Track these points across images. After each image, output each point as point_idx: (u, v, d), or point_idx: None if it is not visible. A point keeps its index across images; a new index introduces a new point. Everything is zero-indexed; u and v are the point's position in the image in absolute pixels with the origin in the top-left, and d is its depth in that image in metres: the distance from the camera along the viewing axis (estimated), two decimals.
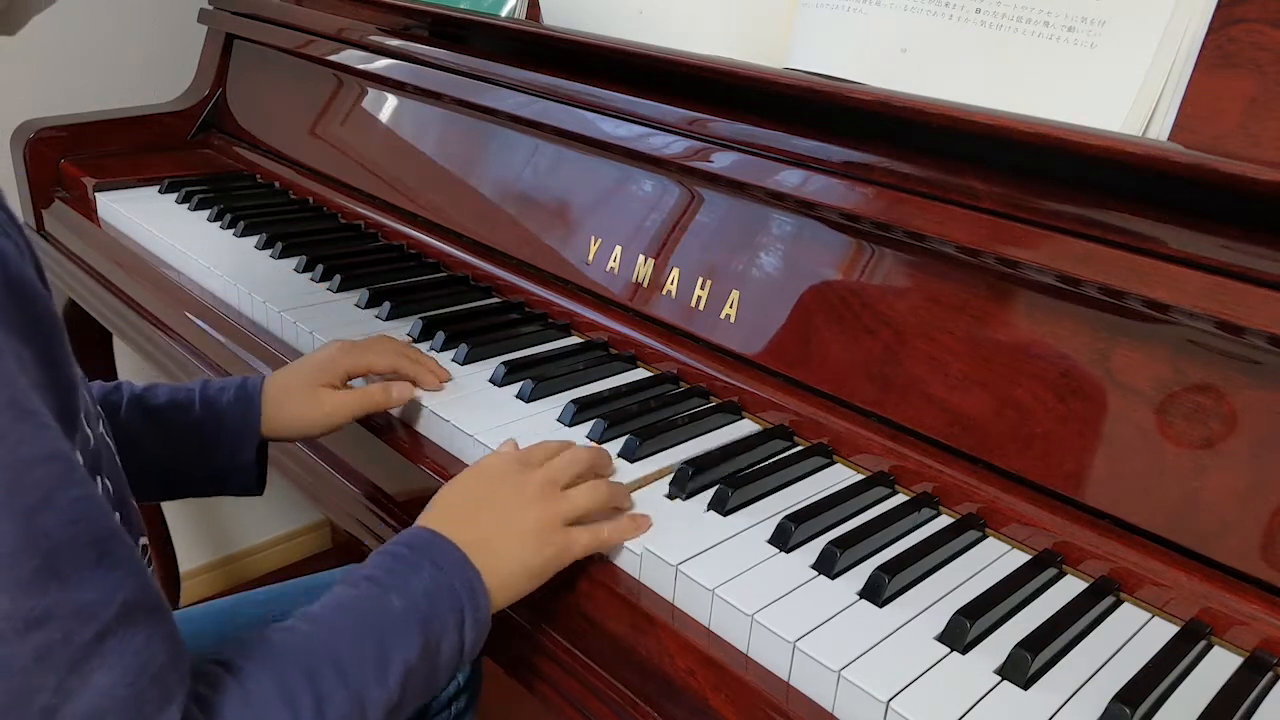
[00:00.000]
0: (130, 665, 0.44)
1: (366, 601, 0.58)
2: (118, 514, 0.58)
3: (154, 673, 0.44)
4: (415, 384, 0.85)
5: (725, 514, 0.71)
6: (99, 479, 0.56)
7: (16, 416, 0.41)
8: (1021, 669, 0.57)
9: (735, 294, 0.88)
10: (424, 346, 0.94)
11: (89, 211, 1.32)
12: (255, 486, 0.83)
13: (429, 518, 0.65)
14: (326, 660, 0.53)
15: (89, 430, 0.55)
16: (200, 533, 1.87)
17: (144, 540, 0.64)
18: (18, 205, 1.42)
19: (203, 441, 0.79)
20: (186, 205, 1.29)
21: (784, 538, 0.68)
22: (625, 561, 0.68)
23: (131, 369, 1.58)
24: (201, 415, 0.79)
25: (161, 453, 0.79)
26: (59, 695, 0.42)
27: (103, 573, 0.43)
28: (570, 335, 0.99)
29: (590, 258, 1.00)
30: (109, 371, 1.53)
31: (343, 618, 0.57)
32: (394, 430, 0.85)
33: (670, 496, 0.73)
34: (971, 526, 0.71)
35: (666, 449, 0.79)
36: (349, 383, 0.84)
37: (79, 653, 0.42)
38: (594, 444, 0.78)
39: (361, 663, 0.54)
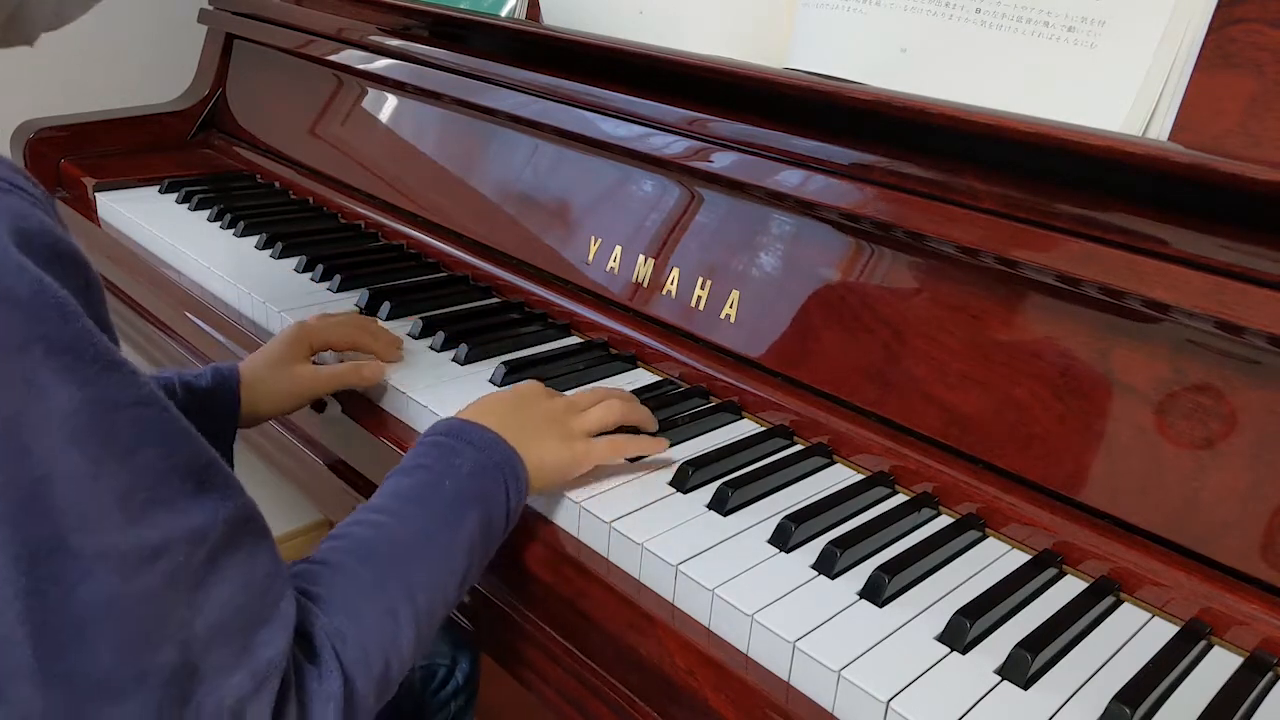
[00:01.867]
0: (242, 575, 0.49)
1: (422, 487, 0.64)
2: None
3: (262, 578, 0.50)
4: (380, 358, 0.89)
5: (725, 514, 0.71)
6: None
7: (105, 366, 0.44)
8: (1021, 669, 0.57)
9: (735, 294, 0.88)
10: (424, 346, 0.94)
11: (89, 211, 1.32)
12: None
13: (461, 413, 0.71)
14: (406, 546, 0.59)
15: None
16: None
17: None
18: None
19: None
20: (187, 205, 1.29)
21: (784, 538, 0.68)
22: (625, 561, 0.68)
23: None
24: (184, 401, 0.80)
25: None
26: (190, 609, 0.46)
27: (204, 497, 0.47)
28: (570, 335, 0.99)
29: (590, 258, 1.00)
30: None
31: (408, 505, 0.62)
32: (394, 430, 0.85)
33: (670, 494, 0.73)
34: (971, 526, 0.71)
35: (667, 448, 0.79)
36: (314, 359, 0.87)
37: (199, 572, 0.47)
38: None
39: (435, 546, 0.60)
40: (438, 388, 0.86)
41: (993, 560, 0.69)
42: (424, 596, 0.58)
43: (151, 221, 1.22)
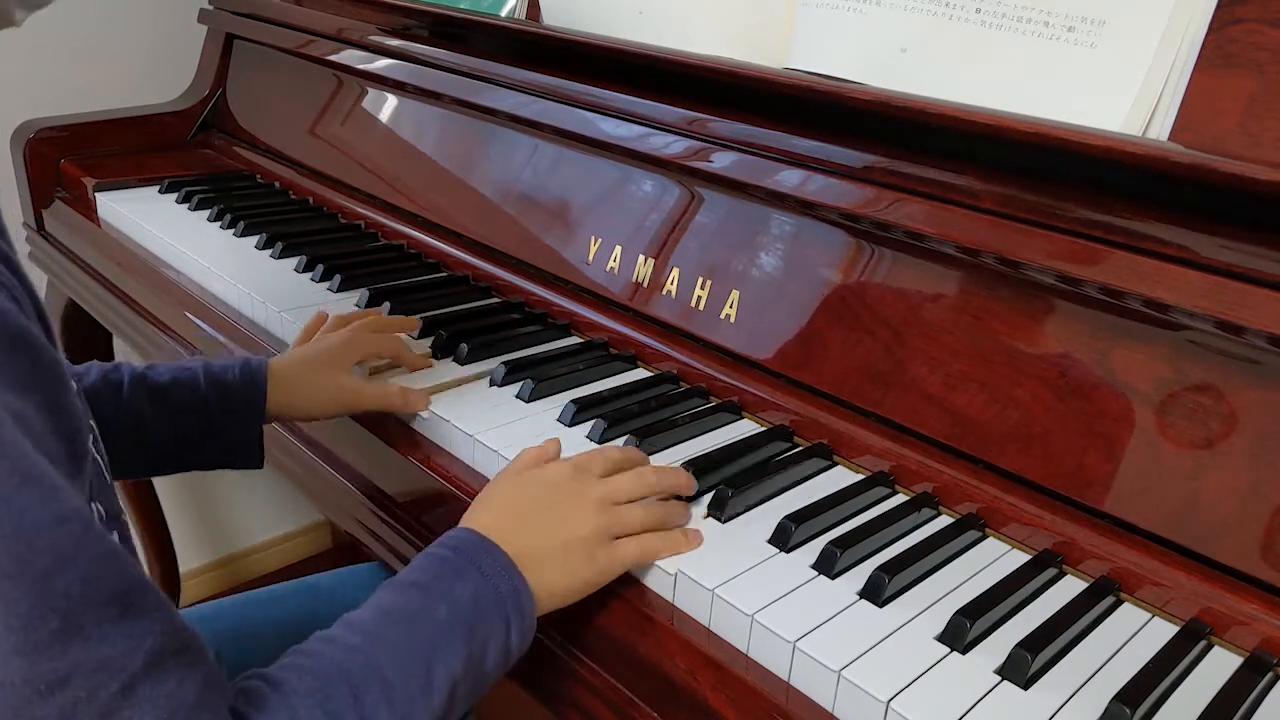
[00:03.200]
0: (160, 710, 0.44)
1: (413, 610, 0.57)
2: (115, 533, 0.58)
3: (184, 714, 0.45)
4: (410, 370, 0.89)
5: (725, 514, 0.71)
6: (94, 505, 0.56)
7: (21, 483, 0.41)
8: (1021, 669, 0.57)
9: (735, 294, 0.88)
10: (424, 346, 0.94)
11: (89, 211, 1.32)
12: (258, 462, 0.84)
13: (477, 518, 0.65)
14: (372, 676, 0.53)
15: (96, 455, 0.56)
16: (200, 533, 1.87)
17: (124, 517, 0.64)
18: (18, 209, 1.42)
19: (209, 420, 0.80)
20: (186, 205, 1.29)
21: (784, 538, 0.68)
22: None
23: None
24: (207, 393, 0.80)
25: (166, 431, 0.79)
26: None
27: (127, 625, 0.43)
28: (570, 335, 0.99)
29: (590, 258, 1.00)
30: None
31: (389, 628, 0.56)
32: (394, 430, 0.85)
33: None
34: (971, 526, 0.71)
35: (666, 449, 0.79)
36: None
37: (106, 706, 0.42)
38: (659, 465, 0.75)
39: (407, 678, 0.54)
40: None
41: (993, 560, 0.69)
42: None
43: (151, 221, 1.22)
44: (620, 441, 0.78)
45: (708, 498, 0.72)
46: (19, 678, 0.41)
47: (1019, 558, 0.69)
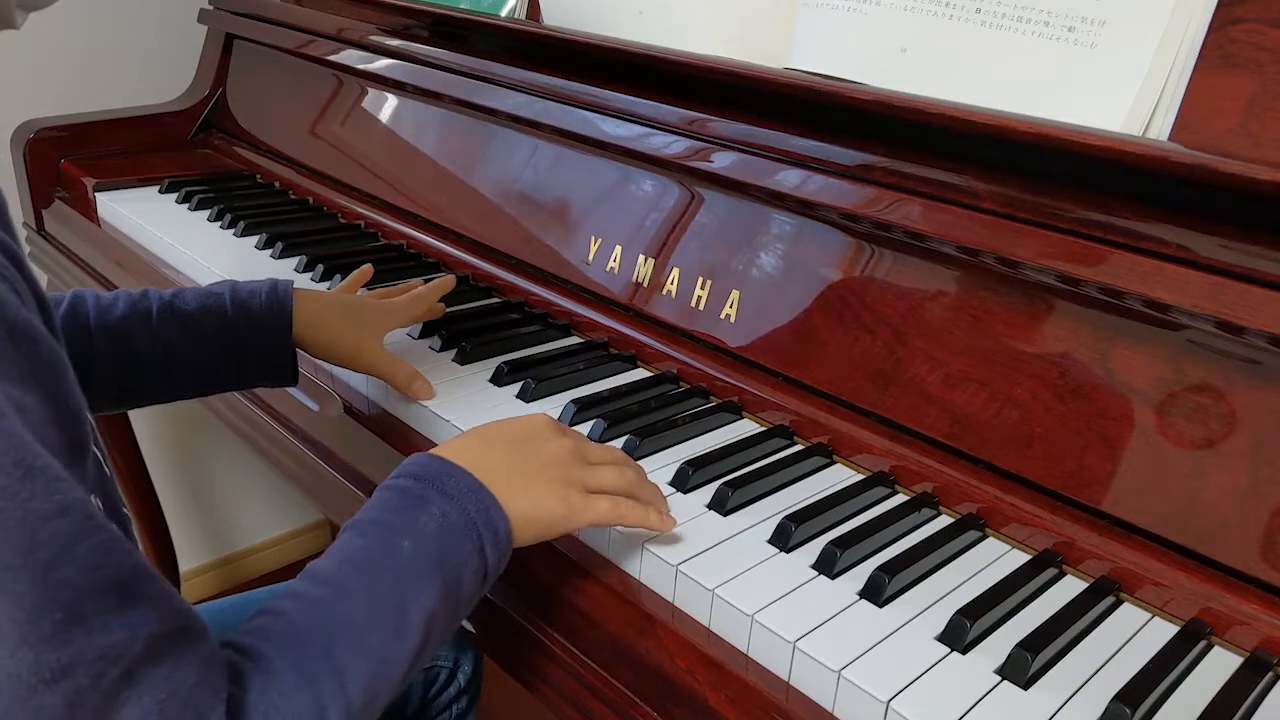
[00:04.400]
0: (160, 694, 0.44)
1: (376, 552, 0.56)
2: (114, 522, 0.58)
3: (184, 695, 0.45)
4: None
5: (725, 514, 0.71)
6: (93, 499, 0.56)
7: (25, 474, 0.42)
8: (1021, 669, 0.57)
9: (735, 294, 0.88)
10: (424, 345, 0.94)
11: (89, 211, 1.32)
12: (290, 378, 0.85)
13: (445, 448, 0.63)
14: (343, 629, 0.52)
15: (95, 450, 0.55)
16: (200, 533, 1.87)
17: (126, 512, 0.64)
18: (16, 208, 1.42)
19: (237, 344, 0.82)
20: (187, 205, 1.29)
21: (784, 538, 0.68)
22: (625, 561, 0.68)
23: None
24: (234, 318, 0.81)
25: (196, 356, 0.81)
26: None
27: (126, 613, 0.44)
28: (570, 335, 0.99)
29: (590, 257, 1.00)
30: None
31: (354, 575, 0.55)
32: (394, 429, 0.85)
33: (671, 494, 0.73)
34: (971, 526, 0.71)
35: (666, 449, 0.79)
36: None
37: (109, 692, 0.43)
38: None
39: (379, 623, 0.53)
40: (437, 387, 0.86)
41: (993, 560, 0.69)
42: (359, 685, 0.51)
43: (151, 221, 1.22)
44: (620, 441, 0.78)
45: (708, 497, 0.72)
46: (25, 668, 0.41)
47: (1019, 558, 0.69)
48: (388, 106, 1.29)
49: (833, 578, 0.65)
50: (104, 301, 0.80)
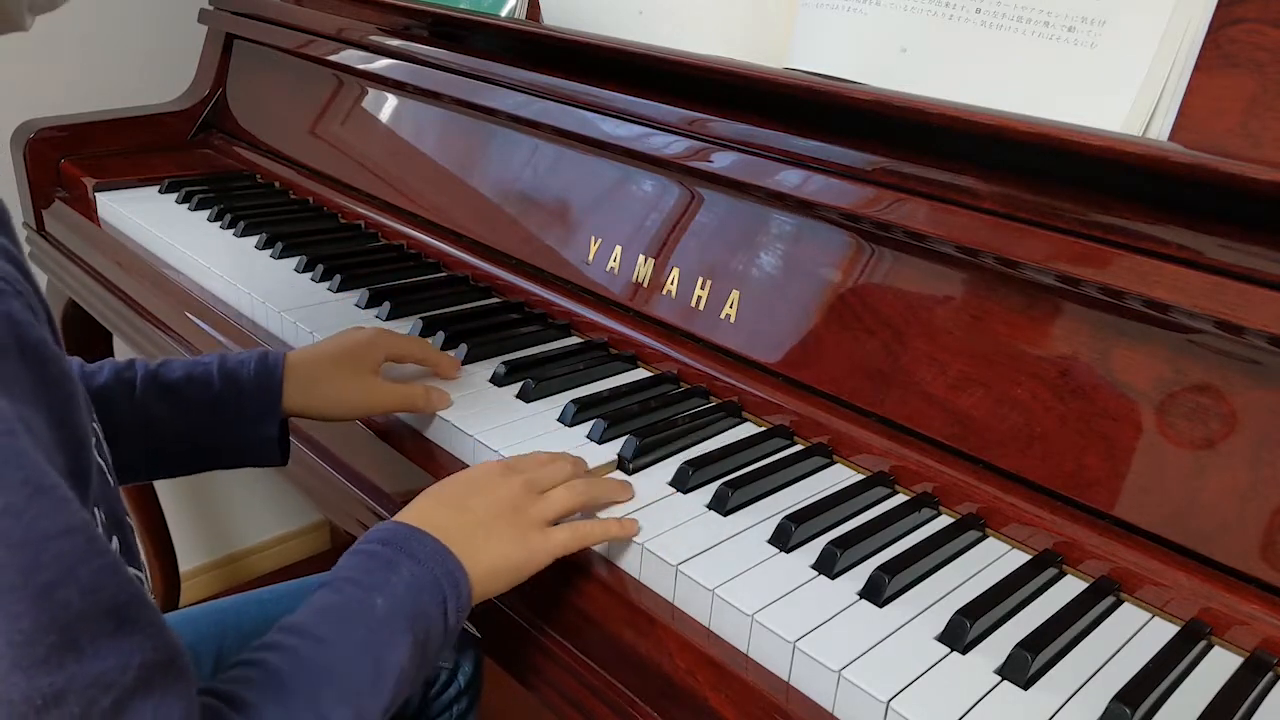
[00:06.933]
0: None
1: (352, 607, 0.58)
2: (118, 537, 0.58)
3: None
4: (438, 374, 0.87)
5: (725, 514, 0.71)
6: (97, 511, 0.56)
7: (33, 493, 0.41)
8: (1021, 669, 0.57)
9: (735, 294, 0.88)
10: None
11: (89, 211, 1.32)
12: (280, 458, 0.82)
13: (406, 514, 0.65)
14: (324, 678, 0.53)
15: (100, 460, 0.55)
16: (200, 533, 1.87)
17: (130, 520, 0.64)
18: (18, 209, 1.42)
19: (223, 418, 0.78)
20: (187, 205, 1.29)
21: (784, 538, 0.68)
22: (625, 561, 0.68)
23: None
24: (221, 391, 0.78)
25: (179, 429, 0.78)
26: None
27: (120, 639, 0.43)
28: (570, 335, 0.99)
29: (590, 258, 1.00)
30: None
31: (331, 628, 0.56)
32: (394, 430, 0.85)
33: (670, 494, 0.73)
34: (971, 526, 0.71)
35: (666, 449, 0.79)
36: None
37: None
38: (595, 461, 0.77)
39: (357, 674, 0.55)
40: (437, 387, 0.86)
41: (993, 560, 0.69)
42: None
43: (151, 221, 1.22)
44: (620, 442, 0.78)
45: (708, 497, 0.72)
46: (17, 694, 0.40)
47: (1019, 558, 0.69)
48: (388, 106, 1.29)
49: (833, 578, 0.65)
50: (88, 369, 0.78)
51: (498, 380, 0.88)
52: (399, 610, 0.58)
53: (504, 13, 1.16)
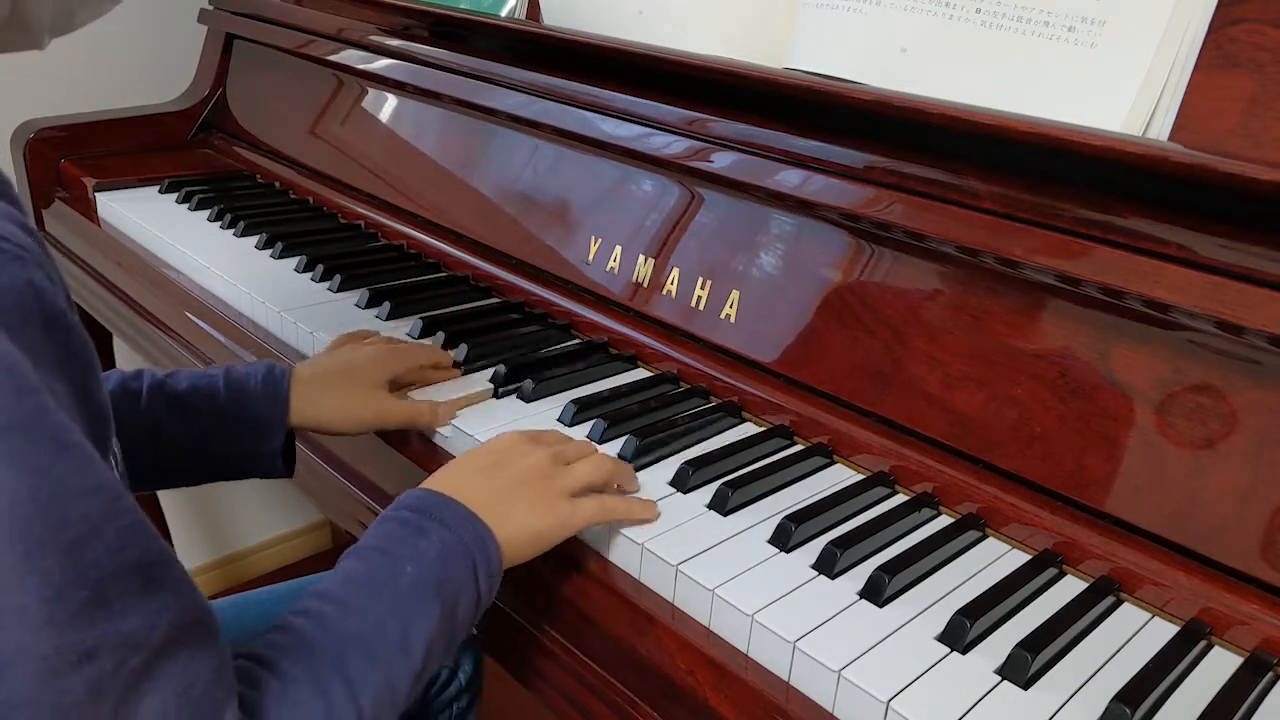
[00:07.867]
0: (178, 686, 0.44)
1: (380, 574, 0.58)
2: None
3: (201, 690, 0.45)
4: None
5: (725, 514, 0.71)
6: None
7: (58, 450, 0.41)
8: (1021, 669, 0.57)
9: (735, 294, 0.88)
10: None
11: (89, 211, 1.32)
12: (284, 471, 0.82)
13: (435, 481, 0.66)
14: (352, 643, 0.54)
15: (115, 450, 0.55)
16: (200, 533, 1.87)
17: None
18: None
19: (228, 429, 0.78)
20: (187, 205, 1.29)
21: (784, 538, 0.68)
22: (625, 561, 0.68)
23: (131, 368, 1.58)
24: (226, 403, 0.78)
25: (185, 441, 0.78)
26: None
27: (149, 598, 0.44)
28: (570, 335, 0.99)
29: (590, 258, 1.00)
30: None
31: (360, 595, 0.57)
32: (395, 430, 0.85)
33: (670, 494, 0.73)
34: (971, 526, 0.71)
35: (666, 449, 0.79)
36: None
37: (130, 680, 0.43)
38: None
39: (385, 640, 0.55)
40: (437, 387, 0.86)
41: (993, 560, 0.69)
42: (369, 698, 0.53)
43: (151, 221, 1.22)
44: (620, 442, 0.78)
45: (708, 497, 0.72)
46: (50, 648, 0.41)
47: (1019, 558, 0.69)
48: (388, 106, 1.29)
49: (833, 578, 0.65)
50: None
51: (497, 381, 0.88)
52: (428, 576, 0.58)
53: (504, 13, 1.16)
